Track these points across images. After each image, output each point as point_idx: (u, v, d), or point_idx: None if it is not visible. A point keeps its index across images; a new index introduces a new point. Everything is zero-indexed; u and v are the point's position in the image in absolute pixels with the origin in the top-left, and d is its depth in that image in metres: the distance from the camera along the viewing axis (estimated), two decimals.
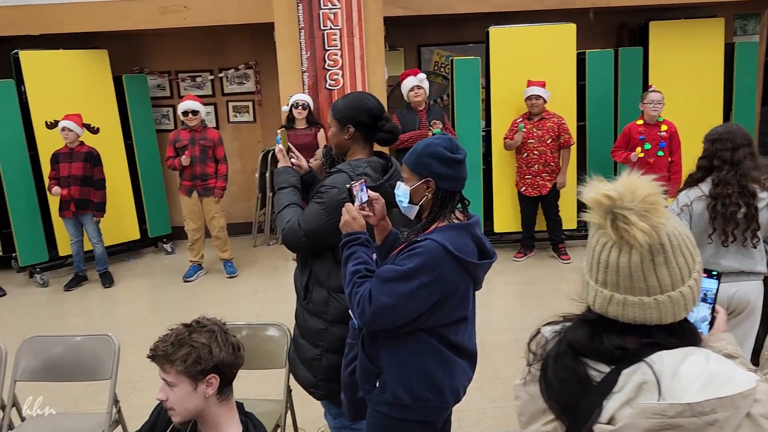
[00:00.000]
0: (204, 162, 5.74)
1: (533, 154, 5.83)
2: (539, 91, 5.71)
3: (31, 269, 6.20)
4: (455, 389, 2.05)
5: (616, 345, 1.13)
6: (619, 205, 1.12)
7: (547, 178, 5.86)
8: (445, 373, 2.01)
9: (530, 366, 1.27)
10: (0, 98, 5.94)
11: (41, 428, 2.82)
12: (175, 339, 1.80)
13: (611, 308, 1.16)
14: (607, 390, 1.10)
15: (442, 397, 2.01)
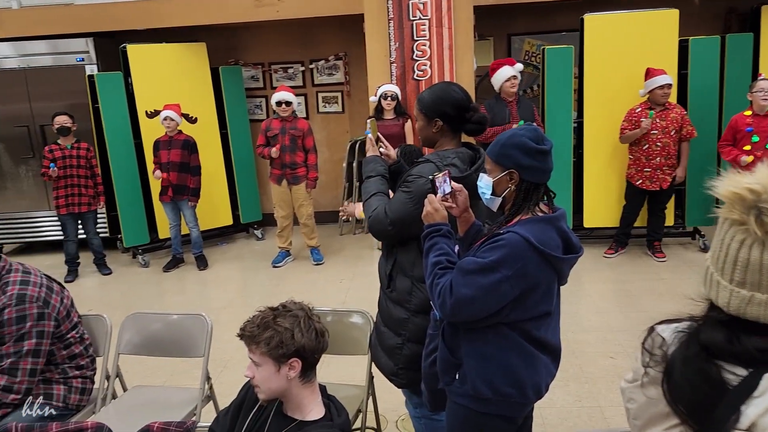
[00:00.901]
0: (293, 151, 5.90)
1: (656, 146, 5.56)
2: (671, 80, 5.45)
3: (134, 250, 6.61)
4: (537, 385, 2.01)
5: (757, 347, 1.07)
6: (765, 199, 1.05)
7: (668, 171, 5.58)
8: (527, 369, 1.97)
9: (647, 367, 1.21)
10: (109, 89, 6.36)
11: (142, 398, 3.00)
12: (260, 321, 1.86)
13: (751, 309, 1.09)
14: (745, 394, 1.04)
15: (523, 392, 1.97)
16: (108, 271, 6.26)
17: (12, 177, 6.86)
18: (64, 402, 2.75)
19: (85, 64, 6.59)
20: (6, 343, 2.57)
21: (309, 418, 1.87)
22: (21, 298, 2.60)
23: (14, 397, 2.57)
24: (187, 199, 6.11)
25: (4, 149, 6.80)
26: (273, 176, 6.03)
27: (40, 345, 2.62)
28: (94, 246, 6.20)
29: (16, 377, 2.57)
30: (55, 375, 2.75)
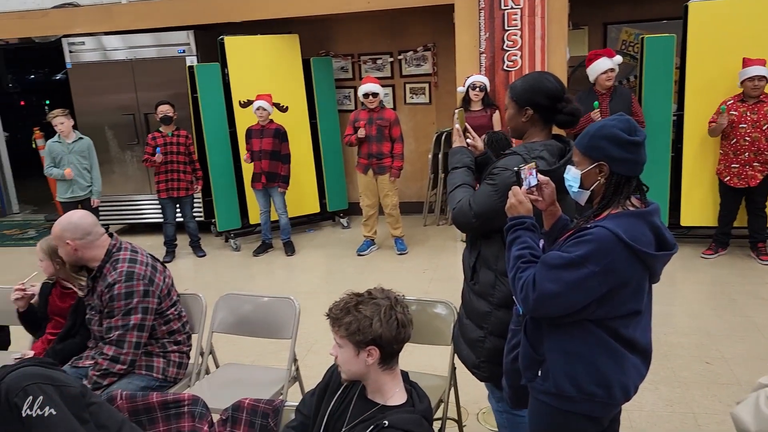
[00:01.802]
0: (380, 141, 5.95)
1: (744, 140, 5.24)
2: (763, 71, 5.11)
3: (226, 234, 6.91)
4: (625, 386, 1.94)
5: None
6: None
7: (758, 168, 5.24)
8: (614, 368, 1.91)
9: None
10: (207, 79, 6.65)
11: (233, 375, 3.15)
12: (344, 305, 1.90)
13: None
14: None
15: (610, 392, 1.91)
16: (202, 254, 6.58)
17: (118, 162, 7.33)
18: (163, 374, 2.93)
19: (185, 56, 6.93)
20: (115, 317, 2.76)
21: (391, 403, 1.90)
22: (129, 275, 2.78)
23: (120, 368, 2.77)
24: (278, 186, 6.31)
25: (113, 136, 7.27)
26: (359, 165, 6.12)
27: (145, 320, 2.81)
28: (190, 229, 6.53)
29: (122, 349, 2.76)
30: (155, 349, 2.93)
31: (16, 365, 2.17)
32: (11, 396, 2.03)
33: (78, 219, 2.82)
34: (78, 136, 6.13)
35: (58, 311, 3.19)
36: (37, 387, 2.05)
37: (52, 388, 2.08)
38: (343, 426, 1.91)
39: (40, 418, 2.02)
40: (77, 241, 2.79)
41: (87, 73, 7.15)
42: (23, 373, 2.10)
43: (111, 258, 2.85)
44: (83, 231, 2.80)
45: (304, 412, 2.10)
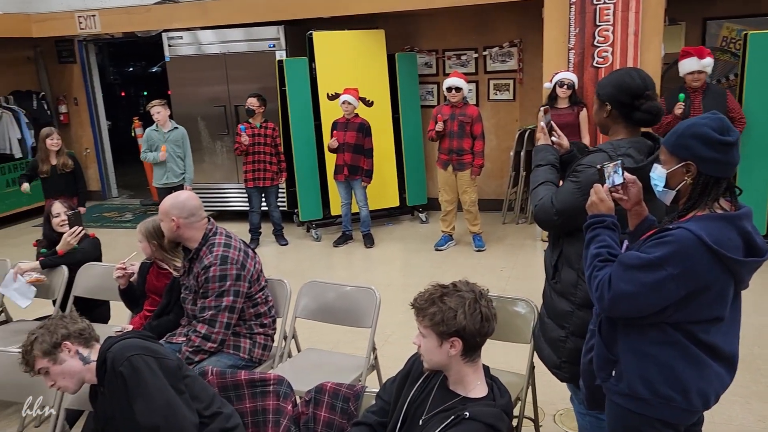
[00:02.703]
0: (461, 137, 5.94)
1: None
2: None
3: (308, 224, 7.11)
4: (704, 393, 1.87)
5: None
6: None
7: None
8: (693, 373, 1.84)
9: None
10: (295, 73, 6.85)
11: (313, 360, 3.25)
12: (429, 296, 1.94)
13: None
14: None
15: (688, 398, 1.85)
16: (285, 242, 6.80)
17: (209, 152, 7.67)
18: (249, 355, 3.07)
19: (275, 50, 7.15)
20: (208, 297, 2.92)
21: (472, 395, 1.92)
22: (224, 259, 2.93)
23: (211, 346, 2.92)
24: (360, 179, 6.42)
25: (204, 126, 7.62)
26: (440, 161, 6.13)
27: (236, 303, 2.95)
28: (274, 218, 6.75)
29: (214, 328, 2.91)
30: (243, 330, 3.07)
31: (121, 336, 2.35)
32: (117, 365, 2.20)
33: (185, 199, 3.01)
34: (173, 125, 6.45)
35: (154, 289, 3.40)
36: (140, 358, 2.21)
37: (153, 359, 2.23)
38: (422, 414, 1.95)
39: (144, 387, 2.17)
40: (181, 219, 2.96)
41: (183, 66, 7.52)
42: (128, 344, 2.26)
43: (207, 241, 3.01)
44: (188, 211, 2.97)
45: (384, 398, 2.15)
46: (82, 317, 2.37)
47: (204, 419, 2.26)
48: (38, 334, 2.20)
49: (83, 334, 2.27)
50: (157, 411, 2.16)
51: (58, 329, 2.23)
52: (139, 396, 2.17)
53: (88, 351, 2.28)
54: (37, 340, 2.19)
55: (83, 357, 2.25)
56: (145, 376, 2.18)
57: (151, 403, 2.16)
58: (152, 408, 2.16)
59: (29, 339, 2.21)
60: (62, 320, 2.26)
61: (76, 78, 9.09)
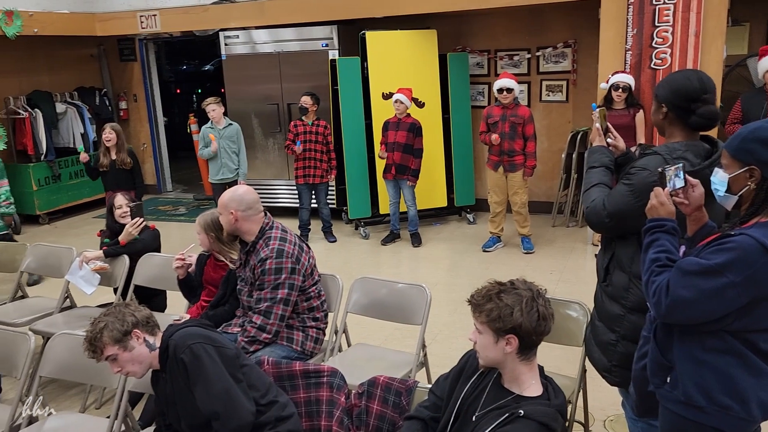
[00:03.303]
0: (513, 138, 5.90)
1: None
2: None
3: (356, 222, 7.18)
4: (764, 403, 1.82)
5: None
6: None
7: None
8: (752, 382, 1.80)
9: None
10: (348, 73, 6.93)
11: (363, 354, 3.30)
12: (486, 293, 1.96)
13: None
14: None
15: (746, 407, 1.81)
16: (333, 239, 6.88)
17: (261, 148, 7.83)
18: (301, 347, 3.14)
19: (328, 49, 7.25)
20: (264, 289, 3.00)
21: (527, 393, 1.93)
22: (280, 252, 3.01)
23: (266, 336, 3.00)
24: (407, 178, 6.45)
25: (258, 124, 7.78)
26: (490, 162, 6.11)
27: (290, 295, 3.02)
28: (324, 215, 6.84)
29: (269, 319, 2.99)
30: (296, 323, 3.14)
31: (182, 324, 2.43)
32: (179, 352, 2.28)
33: (243, 192, 3.11)
34: (228, 122, 6.61)
35: (211, 281, 3.51)
36: (201, 346, 2.29)
37: (213, 348, 2.31)
38: (476, 411, 1.97)
39: (204, 375, 2.25)
40: (239, 212, 3.05)
41: (238, 65, 7.69)
42: (189, 332, 2.34)
43: (264, 235, 3.09)
44: (246, 204, 3.07)
45: (437, 393, 2.17)
46: (142, 305, 2.46)
47: (260, 407, 2.33)
48: (107, 322, 2.28)
49: (149, 322, 2.36)
50: (216, 398, 2.23)
51: (126, 317, 2.31)
52: (199, 383, 2.25)
53: (153, 338, 2.36)
54: (106, 328, 2.26)
55: (150, 344, 2.34)
56: (205, 364, 2.26)
57: (211, 390, 2.24)
58: (211, 395, 2.24)
59: (97, 327, 2.26)
60: (128, 308, 2.35)
61: (136, 75, 9.41)
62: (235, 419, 2.23)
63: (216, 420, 2.24)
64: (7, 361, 2.90)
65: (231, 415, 2.23)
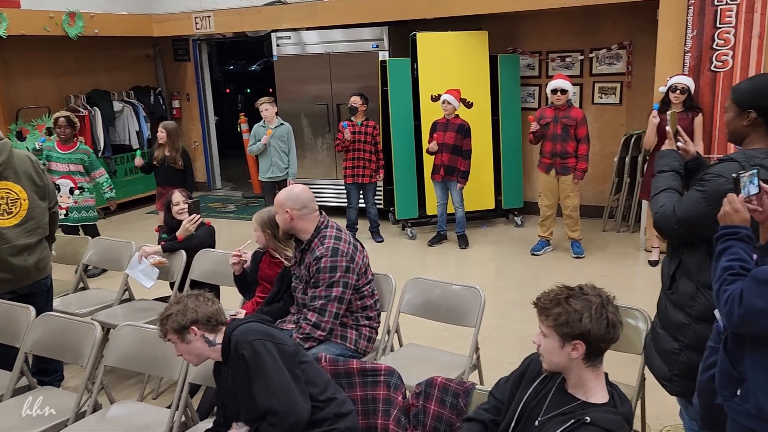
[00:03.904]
0: (565, 141, 5.82)
1: None
2: None
3: (403, 223, 7.19)
4: None
5: None
6: None
7: None
8: None
9: None
10: (398, 73, 6.95)
11: (415, 354, 3.31)
12: (553, 297, 1.93)
13: None
14: None
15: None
16: (380, 239, 6.91)
17: (310, 148, 7.92)
18: (355, 345, 3.16)
19: (378, 50, 7.28)
20: (319, 287, 3.04)
21: (592, 400, 1.90)
22: (335, 251, 3.04)
23: (320, 334, 3.03)
24: (456, 180, 6.43)
25: (307, 124, 7.87)
26: (542, 165, 6.04)
27: (344, 294, 3.05)
28: (371, 215, 6.88)
29: (324, 317, 3.02)
30: (350, 321, 3.17)
31: (244, 320, 2.47)
32: (239, 348, 2.32)
33: (299, 192, 3.14)
34: (280, 122, 6.70)
35: (266, 277, 3.57)
36: (261, 342, 2.32)
37: (273, 344, 2.34)
38: (539, 416, 1.95)
39: (264, 371, 2.28)
40: (295, 211, 3.10)
41: (289, 65, 7.80)
42: (251, 328, 2.38)
43: (319, 233, 3.13)
44: (302, 203, 3.11)
45: (497, 396, 2.16)
46: (215, 299, 2.49)
47: (318, 403, 2.36)
48: (174, 311, 2.36)
49: (211, 321, 2.39)
50: (273, 394, 2.27)
51: (188, 313, 2.37)
52: (259, 379, 2.28)
53: (214, 335, 2.40)
54: (171, 317, 2.35)
55: (209, 341, 2.39)
56: (265, 360, 2.29)
57: (269, 387, 2.27)
58: (270, 391, 2.27)
59: (167, 311, 2.37)
60: (197, 300, 2.39)
61: (189, 75, 9.64)
62: (291, 416, 2.26)
63: (273, 416, 2.27)
64: (72, 349, 3.00)
65: (288, 412, 2.26)
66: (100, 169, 6.11)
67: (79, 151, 5.97)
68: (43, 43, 7.90)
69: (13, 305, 3.25)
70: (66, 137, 5.92)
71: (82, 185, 6.00)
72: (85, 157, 5.98)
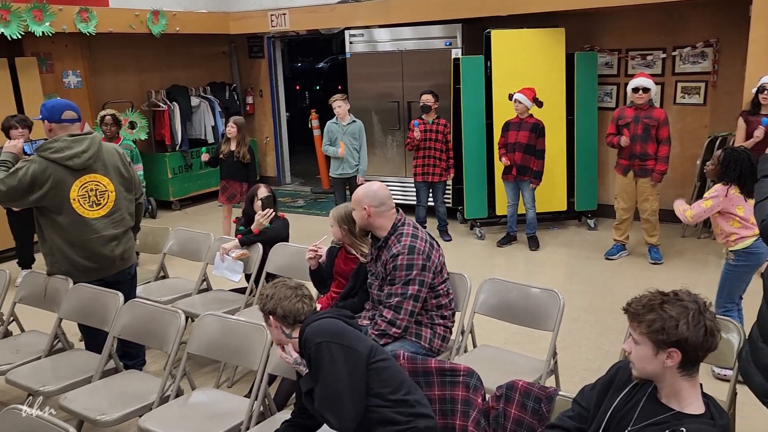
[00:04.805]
0: (645, 141, 5.61)
1: None
2: None
3: (472, 222, 7.12)
4: None
5: None
6: None
7: None
8: None
9: None
10: (471, 71, 6.88)
11: (489, 356, 3.26)
12: (647, 302, 1.86)
13: None
14: None
15: None
16: (448, 238, 6.86)
17: (380, 145, 7.95)
18: (429, 344, 3.14)
19: (451, 48, 7.23)
20: (395, 285, 3.04)
21: (688, 411, 1.82)
22: (411, 249, 3.04)
23: (395, 331, 3.03)
24: (529, 180, 6.31)
25: (378, 121, 7.90)
26: (619, 166, 5.84)
27: (420, 292, 3.04)
28: (440, 214, 6.84)
29: (399, 314, 3.02)
30: (425, 319, 3.15)
31: (320, 315, 2.46)
32: (306, 346, 2.33)
33: (377, 189, 3.16)
34: (352, 119, 6.75)
35: (341, 272, 3.60)
36: (327, 345, 2.29)
37: (339, 347, 2.29)
38: (628, 425, 1.88)
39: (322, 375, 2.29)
40: (372, 208, 3.11)
41: (362, 62, 7.84)
42: (322, 328, 2.35)
43: (396, 231, 3.13)
44: (379, 200, 3.12)
45: (582, 403, 2.10)
46: (310, 300, 2.47)
47: (388, 403, 2.31)
48: (265, 292, 2.45)
49: (287, 319, 2.41)
50: (324, 401, 2.26)
51: (270, 302, 2.41)
52: (319, 381, 2.29)
53: (291, 330, 2.44)
54: (261, 296, 2.46)
55: (286, 333, 2.43)
56: (324, 365, 2.27)
57: (323, 392, 2.27)
58: (323, 397, 2.27)
59: (262, 289, 2.50)
60: (287, 292, 2.42)
61: (263, 72, 9.85)
62: (336, 425, 2.25)
63: (322, 419, 2.30)
64: (158, 335, 3.12)
65: (332, 422, 2.25)
66: (139, 164, 6.33)
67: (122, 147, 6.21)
68: (128, 40, 8.24)
69: (103, 291, 3.41)
70: (111, 134, 6.18)
71: None
72: (128, 152, 6.21)
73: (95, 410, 2.83)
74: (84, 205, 3.42)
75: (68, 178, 3.38)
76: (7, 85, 6.72)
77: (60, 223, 3.41)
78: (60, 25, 6.96)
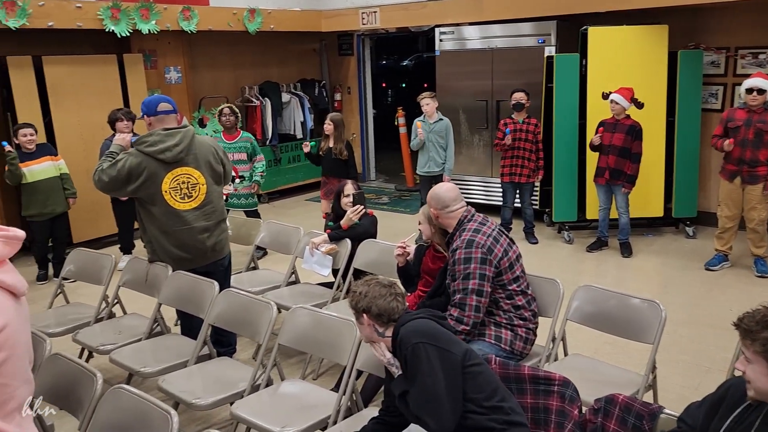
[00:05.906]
0: (757, 147, 5.25)
1: None
2: None
3: (560, 225, 6.91)
4: None
5: None
6: None
7: None
8: None
9: None
10: (565, 70, 6.67)
11: (582, 367, 3.13)
12: (761, 318, 1.73)
13: None
14: None
15: None
16: (534, 241, 6.69)
17: (467, 144, 7.85)
18: (510, 347, 3.06)
19: (544, 46, 7.03)
20: (456, 280, 3.02)
21: None
22: (469, 242, 3.01)
23: (464, 328, 2.98)
24: (622, 184, 6.04)
25: (465, 119, 7.81)
26: (725, 171, 5.49)
27: (482, 286, 2.97)
28: (527, 215, 6.68)
29: (464, 311, 2.98)
30: (503, 320, 3.08)
31: (414, 316, 2.43)
32: (402, 347, 2.31)
33: (442, 192, 3.20)
34: (439, 117, 6.69)
35: (428, 271, 3.57)
36: (423, 346, 2.26)
37: (435, 349, 2.26)
38: None
39: (419, 377, 2.25)
40: (437, 210, 3.18)
41: (451, 60, 7.77)
42: (417, 328, 2.32)
43: (460, 227, 3.13)
44: (443, 203, 3.17)
45: (688, 422, 1.98)
46: (402, 298, 2.45)
47: (481, 410, 2.25)
48: (357, 290, 2.43)
49: (381, 318, 2.39)
50: (422, 403, 2.22)
51: (364, 300, 2.40)
52: (416, 383, 2.25)
53: (384, 328, 2.41)
54: (353, 294, 2.44)
55: (379, 332, 2.41)
56: (422, 367, 2.24)
57: (421, 394, 2.23)
58: (421, 399, 2.22)
59: (354, 287, 2.47)
60: (381, 290, 2.40)
61: (351, 69, 9.96)
62: (433, 428, 2.20)
63: (418, 421, 2.26)
64: (251, 325, 3.20)
65: (430, 425, 2.21)
66: (260, 155, 6.51)
67: (242, 140, 6.41)
68: (224, 37, 8.55)
69: (199, 279, 3.53)
70: (230, 125, 6.38)
71: (243, 174, 6.40)
72: (248, 144, 6.42)
73: (191, 394, 2.94)
74: (175, 197, 3.55)
75: (161, 170, 3.51)
76: (116, 81, 7.12)
77: (154, 214, 3.56)
78: (164, 23, 7.30)
